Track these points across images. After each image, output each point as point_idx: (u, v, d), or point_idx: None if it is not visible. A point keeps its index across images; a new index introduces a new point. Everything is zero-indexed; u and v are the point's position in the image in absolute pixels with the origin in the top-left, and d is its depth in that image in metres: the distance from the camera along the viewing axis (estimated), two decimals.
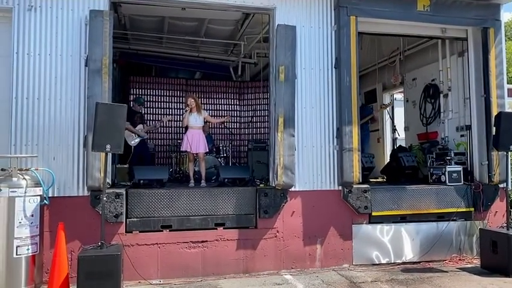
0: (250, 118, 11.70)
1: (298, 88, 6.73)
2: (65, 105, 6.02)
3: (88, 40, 6.03)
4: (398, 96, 11.24)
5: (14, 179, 5.21)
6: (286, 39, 6.59)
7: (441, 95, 8.75)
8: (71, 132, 6.02)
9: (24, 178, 5.27)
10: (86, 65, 6.02)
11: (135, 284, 5.86)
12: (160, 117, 11.19)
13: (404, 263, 6.95)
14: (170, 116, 10.95)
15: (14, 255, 5.08)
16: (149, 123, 10.53)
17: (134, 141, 8.63)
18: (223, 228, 6.44)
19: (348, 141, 6.73)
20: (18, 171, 5.29)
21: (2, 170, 5.34)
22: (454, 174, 7.43)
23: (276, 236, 6.59)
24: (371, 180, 8.65)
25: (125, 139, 8.62)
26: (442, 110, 8.73)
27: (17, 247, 5.10)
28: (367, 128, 9.09)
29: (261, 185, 6.86)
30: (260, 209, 6.52)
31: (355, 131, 6.77)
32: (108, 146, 5.25)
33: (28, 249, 5.18)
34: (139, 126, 8.81)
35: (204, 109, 8.11)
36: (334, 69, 6.92)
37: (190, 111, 7.38)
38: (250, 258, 6.46)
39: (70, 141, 6.01)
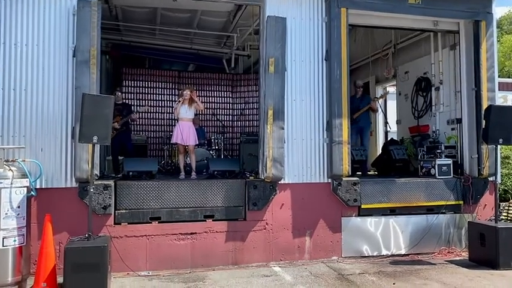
0: (241, 111, 11.66)
1: (288, 80, 6.70)
2: (52, 97, 5.98)
3: (76, 31, 5.97)
4: (391, 89, 11.22)
5: (0, 170, 5.16)
6: (276, 31, 6.55)
7: (433, 88, 8.75)
8: (58, 124, 5.98)
9: (10, 169, 5.23)
10: (73, 56, 5.97)
11: (124, 276, 5.86)
12: (155, 109, 11.16)
13: (393, 255, 6.98)
14: (146, 106, 10.78)
15: (1, 247, 5.05)
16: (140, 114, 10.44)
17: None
18: (213, 220, 6.44)
19: (337, 134, 6.72)
20: (4, 163, 5.25)
21: None
22: (444, 168, 7.45)
23: (265, 228, 6.60)
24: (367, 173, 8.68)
25: None
26: (433, 103, 8.74)
27: (3, 238, 5.07)
28: (367, 118, 9.01)
29: (250, 178, 6.85)
30: (249, 201, 6.52)
31: (345, 123, 6.76)
32: (95, 138, 5.23)
33: (15, 240, 5.15)
34: (116, 119, 8.48)
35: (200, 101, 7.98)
36: (324, 61, 6.89)
37: (182, 102, 7.35)
38: (239, 250, 6.47)
39: (58, 133, 5.98)
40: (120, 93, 8.95)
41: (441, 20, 7.65)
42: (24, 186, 5.32)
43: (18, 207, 5.21)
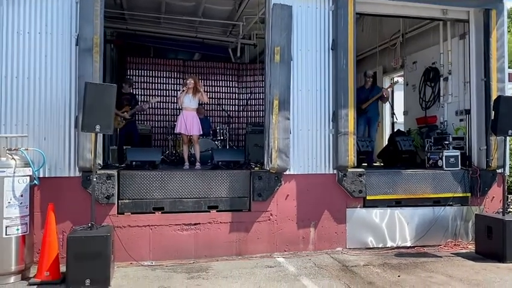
0: (247, 101, 11.57)
1: (293, 70, 6.60)
2: (55, 85, 5.93)
3: (79, 18, 5.89)
4: (400, 79, 11.07)
5: (3, 158, 5.15)
6: (282, 19, 6.44)
7: (441, 79, 8.60)
8: (62, 113, 5.94)
9: (13, 158, 5.21)
10: (76, 44, 5.90)
11: (127, 266, 5.85)
12: (160, 99, 11.11)
13: (398, 247, 6.92)
14: (158, 97, 10.77)
15: (4, 235, 5.05)
16: (138, 103, 10.38)
17: (119, 123, 8.44)
18: (217, 211, 6.40)
19: (343, 124, 6.63)
20: (7, 151, 5.23)
21: None
22: (452, 159, 7.33)
23: (269, 219, 6.55)
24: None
25: None
26: (441, 94, 8.58)
27: (6, 227, 5.07)
28: (376, 108, 8.88)
29: (255, 168, 6.79)
30: (254, 192, 6.47)
31: (351, 114, 6.66)
32: (97, 127, 5.19)
33: (18, 229, 5.15)
34: (125, 109, 8.55)
35: (204, 91, 7.90)
36: (331, 51, 6.77)
37: (186, 91, 7.27)
38: (243, 240, 6.44)
39: (61, 122, 5.94)
40: (127, 84, 8.95)
41: (450, 9, 7.48)
42: (27, 175, 5.31)
43: (21, 196, 5.20)
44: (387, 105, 10.38)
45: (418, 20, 8.82)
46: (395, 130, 9.86)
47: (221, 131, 9.88)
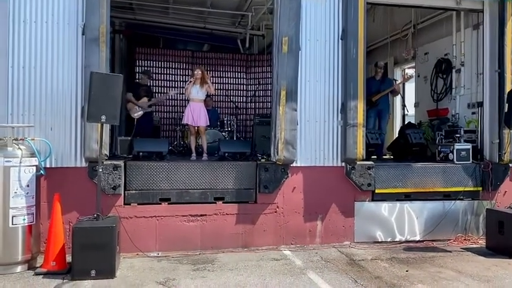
0: (254, 92, 11.47)
1: (302, 60, 6.49)
2: (62, 75, 5.90)
3: (85, 8, 5.84)
4: (410, 71, 10.87)
5: (9, 148, 5.14)
6: (291, 8, 6.32)
7: (453, 70, 8.41)
8: (68, 103, 5.92)
9: (19, 148, 5.20)
10: (83, 34, 5.85)
11: (133, 256, 5.84)
12: (167, 90, 11.09)
13: (407, 241, 6.82)
14: (176, 89, 10.80)
15: (10, 225, 5.07)
16: (155, 95, 10.41)
17: (137, 113, 8.55)
18: (223, 203, 6.37)
19: (352, 116, 6.52)
20: (13, 141, 5.22)
21: None
22: (463, 153, 7.19)
23: (276, 212, 6.50)
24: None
25: (129, 111, 8.64)
26: (453, 86, 8.41)
27: (12, 217, 5.08)
28: (387, 101, 8.74)
29: (262, 160, 6.72)
30: (260, 184, 6.41)
31: (361, 106, 6.54)
32: (103, 117, 5.16)
33: (24, 219, 5.16)
34: (144, 99, 8.70)
35: (212, 82, 7.84)
36: (340, 41, 6.64)
37: (194, 82, 7.20)
38: (249, 233, 6.39)
39: (68, 112, 5.92)
40: (146, 76, 9.00)
41: None
42: (33, 165, 5.30)
43: (27, 186, 5.20)
44: (398, 97, 10.21)
45: (431, 10, 8.61)
46: (405, 122, 9.70)
47: (229, 123, 9.82)
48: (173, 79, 11.43)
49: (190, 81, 7.25)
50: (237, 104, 11.47)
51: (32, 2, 5.83)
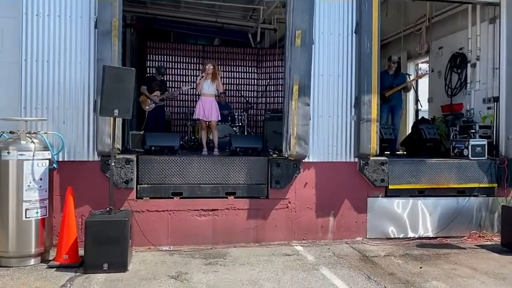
0: (266, 87, 11.40)
1: (315, 54, 6.42)
2: (74, 68, 5.91)
3: (97, 1, 5.83)
4: (423, 66, 10.73)
5: (23, 142, 5.16)
6: (304, 2, 6.25)
7: (468, 65, 8.26)
8: (80, 96, 5.93)
9: (32, 141, 5.22)
10: (95, 27, 5.85)
11: (145, 250, 5.85)
12: (178, 84, 11.07)
13: (420, 238, 6.75)
14: (190, 84, 10.78)
15: (24, 218, 5.10)
16: (168, 90, 10.40)
17: (149, 106, 8.57)
18: (234, 197, 6.34)
19: (366, 111, 6.43)
20: (27, 135, 5.24)
21: (11, 132, 5.30)
22: (478, 148, 7.07)
23: (287, 207, 6.46)
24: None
25: (141, 104, 8.67)
26: (468, 81, 8.26)
27: (26, 210, 5.11)
28: (400, 96, 8.63)
29: (273, 155, 6.68)
30: (272, 179, 6.37)
31: (375, 100, 6.46)
32: (116, 111, 5.16)
33: (37, 212, 5.18)
34: (156, 93, 8.71)
35: (222, 77, 7.80)
36: (354, 34, 6.55)
37: (205, 77, 7.17)
38: (260, 228, 6.37)
39: (80, 105, 5.93)
40: (156, 72, 9.05)
41: None
42: (46, 159, 5.32)
43: (41, 179, 5.22)
44: (411, 92, 10.07)
45: (446, 3, 8.49)
46: (419, 118, 9.58)
47: (240, 117, 9.78)
48: (184, 73, 11.41)
49: (202, 76, 7.21)
50: (247, 98, 11.41)
51: None
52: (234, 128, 9.30)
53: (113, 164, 5.40)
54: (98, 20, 5.81)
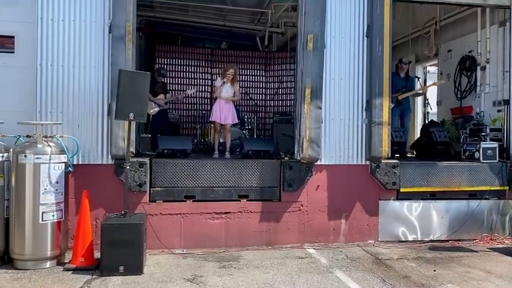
0: (275, 90, 11.44)
1: (326, 58, 6.46)
2: (89, 73, 5.96)
3: (112, 6, 5.89)
4: (432, 68, 10.74)
5: (39, 145, 5.21)
6: (316, 5, 6.28)
7: (478, 68, 8.27)
8: (95, 100, 5.97)
9: (49, 145, 5.26)
10: (109, 32, 5.90)
11: (158, 253, 5.88)
12: (185, 88, 11.10)
13: (432, 241, 6.75)
14: (195, 86, 10.81)
15: (40, 221, 5.13)
16: (173, 93, 10.43)
17: (153, 110, 8.51)
18: (247, 200, 6.37)
19: (377, 114, 6.46)
20: (43, 138, 5.28)
21: (28, 136, 5.35)
22: (489, 151, 7.08)
23: (300, 210, 6.48)
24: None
25: None
26: (478, 84, 8.27)
27: (42, 213, 5.15)
28: (408, 100, 8.60)
29: (285, 158, 6.70)
30: (284, 182, 6.39)
31: (386, 103, 6.49)
32: (131, 114, 5.19)
33: (53, 215, 5.22)
34: (160, 96, 8.67)
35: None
36: (365, 38, 6.58)
37: (225, 81, 7.19)
38: (273, 230, 6.39)
39: (94, 109, 5.98)
40: (157, 74, 9.03)
41: None
42: (62, 162, 5.36)
43: (57, 182, 5.26)
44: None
45: (455, 6, 8.49)
46: (428, 120, 9.58)
47: (249, 120, 9.81)
48: (192, 76, 11.45)
49: (224, 82, 7.19)
50: (256, 101, 11.44)
51: (60, 1, 5.89)
52: (244, 131, 9.33)
53: (128, 167, 5.43)
54: (112, 24, 5.86)
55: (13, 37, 6.13)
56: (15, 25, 6.11)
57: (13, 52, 6.14)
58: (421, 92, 8.46)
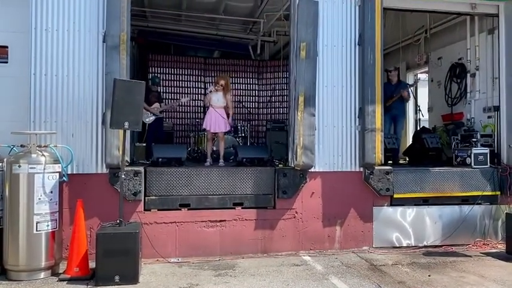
0: (268, 98, 11.51)
1: (319, 66, 6.53)
2: (83, 82, 5.96)
3: (106, 15, 5.91)
4: (422, 76, 10.88)
5: (33, 155, 5.18)
6: (308, 14, 6.36)
7: (468, 75, 8.41)
8: (89, 109, 5.97)
9: (43, 155, 5.24)
10: (103, 41, 5.92)
11: (154, 262, 5.86)
12: (178, 96, 11.13)
13: (425, 246, 6.80)
14: (188, 96, 10.85)
15: (34, 231, 5.09)
16: (167, 102, 10.45)
17: (149, 119, 8.54)
18: (242, 208, 6.38)
19: (370, 121, 6.53)
20: (37, 148, 5.27)
21: (22, 146, 5.33)
22: (480, 157, 7.17)
23: (294, 217, 6.50)
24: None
25: None
26: (468, 90, 8.41)
27: (37, 223, 5.10)
28: (402, 105, 8.69)
29: (280, 165, 6.74)
30: (279, 189, 6.42)
31: (379, 110, 6.56)
32: (126, 123, 5.20)
33: (48, 225, 5.19)
34: (155, 105, 8.72)
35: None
36: (357, 46, 6.67)
37: (217, 90, 7.23)
38: (268, 238, 6.40)
39: (89, 118, 5.97)
40: (153, 83, 9.07)
41: (479, 3, 7.35)
42: (57, 172, 5.34)
43: (51, 192, 5.23)
44: (411, 102, 10.18)
45: (444, 15, 8.65)
46: (419, 127, 9.69)
47: (242, 128, 9.84)
48: (185, 85, 11.49)
49: (212, 91, 7.25)
50: (249, 109, 11.49)
51: (53, 11, 5.89)
52: (237, 139, 9.35)
53: (123, 176, 5.43)
54: (106, 34, 5.88)
55: (7, 47, 6.14)
56: (8, 35, 6.13)
57: (7, 62, 6.15)
58: (406, 95, 8.47)
